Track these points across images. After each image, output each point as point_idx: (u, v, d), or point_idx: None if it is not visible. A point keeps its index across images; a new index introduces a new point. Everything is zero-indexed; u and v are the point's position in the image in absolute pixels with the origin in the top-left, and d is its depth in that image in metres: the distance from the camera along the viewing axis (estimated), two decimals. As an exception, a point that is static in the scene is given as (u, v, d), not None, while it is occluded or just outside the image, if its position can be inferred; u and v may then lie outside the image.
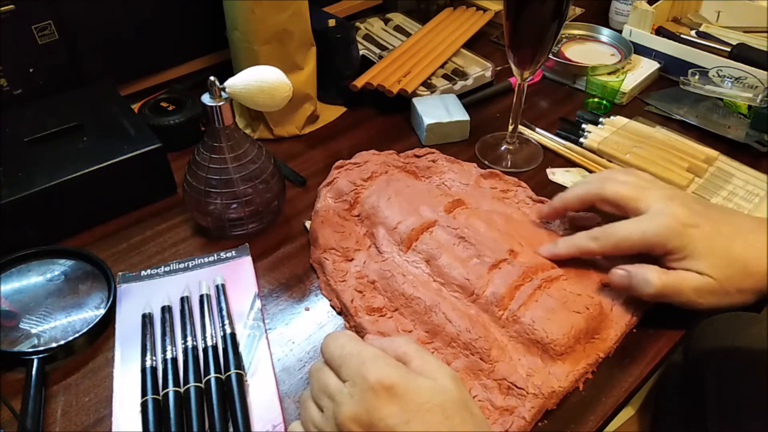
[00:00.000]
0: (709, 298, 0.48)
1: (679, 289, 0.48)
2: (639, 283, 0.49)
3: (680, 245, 0.48)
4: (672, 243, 0.48)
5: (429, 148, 0.70)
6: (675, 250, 0.48)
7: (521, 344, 0.49)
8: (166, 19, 0.76)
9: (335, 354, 0.40)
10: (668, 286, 0.48)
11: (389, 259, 0.55)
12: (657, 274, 0.49)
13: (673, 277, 0.48)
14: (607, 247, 0.51)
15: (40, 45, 0.67)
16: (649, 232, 0.49)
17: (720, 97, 0.78)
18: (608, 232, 0.51)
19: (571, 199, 0.56)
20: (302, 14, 0.69)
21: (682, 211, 0.49)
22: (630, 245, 0.50)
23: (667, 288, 0.48)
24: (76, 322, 0.52)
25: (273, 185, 0.60)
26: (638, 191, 0.51)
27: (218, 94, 0.54)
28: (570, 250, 0.54)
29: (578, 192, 0.55)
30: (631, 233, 0.50)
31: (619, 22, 0.96)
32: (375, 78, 0.77)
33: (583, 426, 0.46)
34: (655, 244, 0.49)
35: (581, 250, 0.53)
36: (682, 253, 0.48)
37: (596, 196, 0.54)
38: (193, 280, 0.56)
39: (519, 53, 0.62)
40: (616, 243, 0.51)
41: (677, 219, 0.48)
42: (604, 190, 0.53)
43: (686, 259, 0.48)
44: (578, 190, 0.55)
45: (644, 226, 0.50)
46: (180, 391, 0.47)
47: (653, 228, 0.49)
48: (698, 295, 0.48)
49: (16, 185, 0.56)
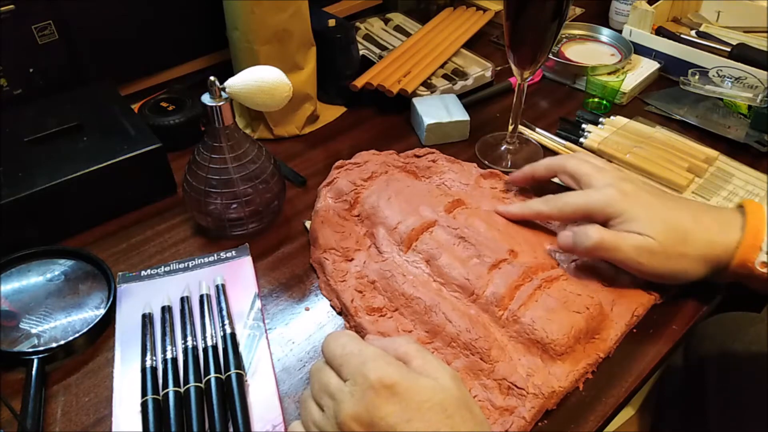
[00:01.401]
0: (649, 259, 0.50)
1: (617, 245, 0.50)
2: (580, 238, 0.52)
3: (620, 210, 0.51)
4: (611, 208, 0.51)
5: (429, 148, 0.70)
6: (614, 215, 0.51)
7: (521, 344, 0.49)
8: (166, 19, 0.76)
9: (336, 353, 0.40)
10: (607, 241, 0.50)
11: (389, 259, 0.55)
12: (597, 229, 0.51)
13: (614, 234, 0.51)
14: (554, 210, 0.56)
15: (40, 45, 0.67)
16: (592, 198, 0.53)
17: (720, 97, 0.78)
18: (557, 196, 0.56)
19: (539, 167, 0.61)
20: (302, 14, 0.69)
21: (628, 186, 0.52)
22: (573, 209, 0.54)
23: (605, 242, 0.50)
24: (76, 322, 0.52)
25: (273, 185, 0.60)
26: (595, 170, 0.55)
27: (218, 94, 0.54)
28: (523, 211, 0.58)
29: (546, 162, 0.60)
30: (576, 198, 0.54)
31: (619, 22, 0.96)
32: (375, 78, 0.77)
33: (583, 426, 0.46)
34: (596, 208, 0.52)
35: (533, 212, 0.58)
36: (622, 217, 0.51)
37: (559, 167, 0.58)
38: (193, 280, 0.56)
39: (519, 53, 0.62)
40: (561, 207, 0.55)
41: (620, 190, 0.52)
42: (567, 162, 0.58)
43: (627, 222, 0.51)
44: (546, 160, 0.61)
45: (589, 194, 0.54)
46: (180, 391, 0.47)
47: (596, 195, 0.53)
48: (638, 253, 0.50)
49: (16, 185, 0.56)
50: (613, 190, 0.52)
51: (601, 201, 0.52)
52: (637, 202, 0.51)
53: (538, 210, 0.57)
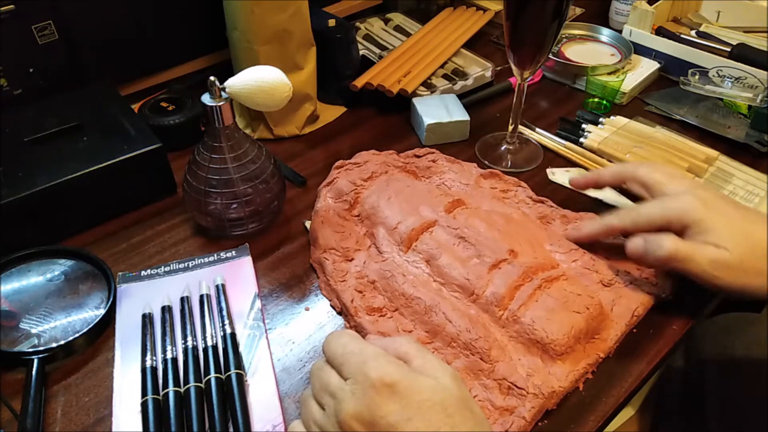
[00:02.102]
0: (725, 273, 0.47)
1: (692, 257, 0.48)
2: (653, 247, 0.49)
3: (698, 219, 0.48)
4: (690, 216, 0.49)
5: (429, 148, 0.69)
6: (692, 225, 0.48)
7: (521, 344, 0.49)
8: (166, 19, 0.76)
9: (337, 352, 0.40)
10: (682, 251, 0.48)
11: (389, 259, 0.55)
12: (672, 239, 0.49)
13: (689, 244, 0.48)
14: (626, 222, 0.53)
15: (40, 45, 0.67)
16: (669, 206, 0.50)
17: (720, 97, 0.78)
18: (630, 208, 0.54)
19: (605, 174, 0.59)
20: (302, 14, 0.69)
21: (705, 194, 0.50)
22: (648, 218, 0.51)
23: (680, 252, 0.48)
24: (76, 322, 0.52)
25: (273, 185, 0.60)
26: (668, 177, 0.53)
27: (218, 94, 0.54)
28: (596, 230, 0.55)
29: (614, 168, 0.58)
30: (651, 207, 0.52)
31: (619, 22, 0.96)
32: (375, 78, 0.77)
33: (583, 426, 0.46)
34: (673, 217, 0.50)
35: (607, 228, 0.55)
36: (699, 227, 0.48)
37: (630, 174, 0.56)
38: (193, 280, 0.56)
39: (519, 53, 0.62)
40: (635, 217, 0.52)
41: (698, 197, 0.49)
42: (638, 169, 0.55)
43: (705, 232, 0.48)
44: (615, 166, 0.58)
45: (664, 202, 0.51)
46: (180, 391, 0.47)
47: (673, 204, 0.50)
48: (713, 267, 0.47)
49: (16, 185, 0.56)
50: (691, 198, 0.49)
51: (678, 209, 0.49)
52: (715, 211, 0.48)
53: (610, 226, 0.54)
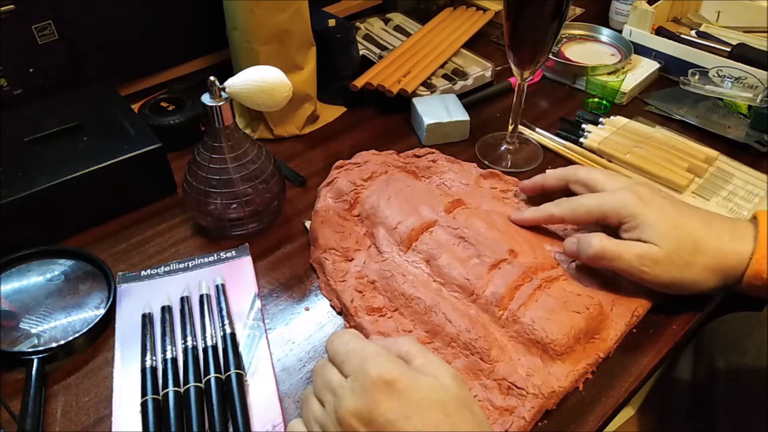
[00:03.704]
0: (653, 267, 0.49)
1: (619, 254, 0.50)
2: (583, 246, 0.52)
3: (632, 213, 0.50)
4: (624, 210, 0.50)
5: (429, 148, 0.70)
6: (627, 218, 0.50)
7: (521, 344, 0.49)
8: (166, 19, 0.76)
9: (339, 350, 0.40)
10: (609, 250, 0.50)
11: (389, 259, 0.55)
12: (599, 238, 0.51)
13: (616, 243, 0.50)
14: (566, 212, 0.55)
15: (40, 45, 0.67)
16: (605, 201, 0.52)
17: (720, 97, 0.78)
18: (569, 199, 0.56)
19: (549, 177, 0.60)
20: (302, 14, 0.69)
21: (642, 190, 0.52)
22: (586, 211, 0.54)
23: (607, 251, 0.50)
24: (76, 322, 0.52)
25: (273, 185, 0.60)
26: (607, 176, 0.56)
27: (218, 94, 0.54)
28: (535, 216, 0.58)
29: (557, 172, 0.60)
30: (588, 201, 0.54)
31: (619, 22, 0.96)
32: (375, 78, 0.77)
33: (583, 426, 0.46)
34: (609, 211, 0.52)
35: (545, 216, 0.57)
36: (633, 221, 0.50)
37: (571, 176, 0.58)
38: (193, 280, 0.56)
39: (519, 53, 0.62)
40: (574, 209, 0.54)
41: (635, 192, 0.51)
42: (578, 171, 0.57)
43: (637, 228, 0.50)
44: (558, 170, 0.60)
45: (602, 196, 0.53)
46: (180, 391, 0.47)
47: (610, 198, 0.52)
48: (640, 262, 0.49)
49: (16, 185, 0.56)
50: (627, 193, 0.51)
51: (615, 203, 0.51)
52: (649, 206, 0.50)
53: (550, 213, 0.56)
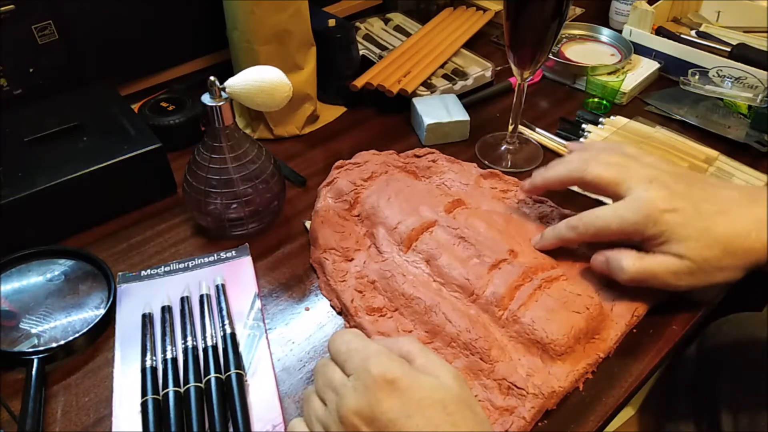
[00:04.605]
0: (688, 279, 0.48)
1: (654, 274, 0.49)
2: (614, 269, 0.50)
3: (657, 232, 0.48)
4: (649, 230, 0.48)
5: (429, 148, 0.69)
6: (653, 237, 0.48)
7: (521, 344, 0.49)
8: (166, 19, 0.76)
9: (341, 349, 0.40)
10: (642, 272, 0.49)
11: (389, 259, 0.55)
12: (632, 260, 0.49)
13: (648, 262, 0.49)
14: (586, 236, 0.52)
15: (40, 45, 0.67)
16: (626, 220, 0.49)
17: (720, 97, 0.78)
18: (585, 221, 0.52)
19: (551, 179, 0.55)
20: (302, 14, 0.69)
21: (661, 195, 0.48)
22: (609, 234, 0.51)
23: (641, 274, 0.49)
24: (76, 322, 0.52)
25: (273, 185, 0.60)
26: (619, 173, 0.51)
27: (218, 94, 0.54)
28: (553, 241, 0.54)
29: (560, 172, 0.55)
30: (609, 223, 0.50)
31: (619, 22, 0.96)
32: (375, 78, 0.77)
33: (583, 426, 0.46)
34: (633, 232, 0.49)
35: (563, 240, 0.54)
36: (660, 239, 0.48)
37: (578, 179, 0.53)
38: (193, 280, 0.56)
39: (519, 53, 0.62)
40: (595, 232, 0.51)
41: (654, 205, 0.48)
42: (586, 173, 0.52)
43: (665, 243, 0.48)
44: (560, 169, 0.55)
45: (621, 213, 0.49)
46: (180, 391, 0.47)
47: (630, 216, 0.49)
48: (676, 278, 0.48)
49: (16, 185, 0.56)
50: (646, 207, 0.48)
51: (637, 224, 0.48)
52: (673, 219, 0.48)
53: (568, 238, 0.53)
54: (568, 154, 0.57)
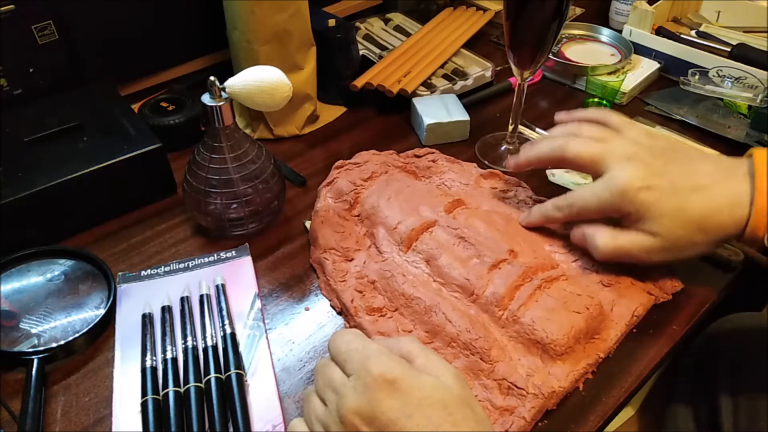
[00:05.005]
0: (660, 255, 0.51)
1: (627, 251, 0.51)
2: (590, 246, 0.53)
3: (633, 209, 0.49)
4: (625, 208, 0.50)
5: (429, 148, 0.70)
6: (629, 214, 0.50)
7: (521, 344, 0.49)
8: (166, 19, 0.76)
9: (341, 349, 0.40)
10: (616, 250, 0.51)
11: (389, 259, 0.55)
12: (606, 238, 0.52)
13: (621, 241, 0.51)
14: (571, 215, 0.54)
15: (40, 45, 0.67)
16: (604, 199, 0.51)
17: (720, 97, 0.78)
18: (569, 201, 0.54)
19: (534, 157, 0.57)
20: (302, 14, 0.69)
21: (639, 173, 0.49)
22: (590, 212, 0.53)
23: (616, 252, 0.52)
24: (76, 322, 0.52)
25: (273, 185, 0.60)
26: (599, 150, 0.52)
27: (218, 94, 0.54)
28: (540, 218, 0.57)
29: (543, 150, 0.56)
30: (588, 202, 0.52)
31: (619, 22, 0.96)
32: (375, 78, 0.77)
33: (583, 426, 0.46)
34: (611, 210, 0.51)
35: (549, 218, 0.57)
36: (635, 216, 0.50)
37: (558, 157, 0.55)
38: (193, 280, 0.56)
39: (519, 53, 0.62)
40: (578, 211, 0.54)
41: (631, 183, 0.49)
42: (566, 152, 0.54)
43: (640, 221, 0.50)
44: (543, 147, 0.56)
45: (599, 192, 0.51)
46: (180, 391, 0.47)
47: (607, 195, 0.51)
48: (648, 254, 0.51)
49: (16, 185, 0.56)
50: (623, 185, 0.49)
51: (614, 203, 0.50)
52: (648, 197, 0.49)
53: (554, 217, 0.56)
54: (554, 128, 0.58)
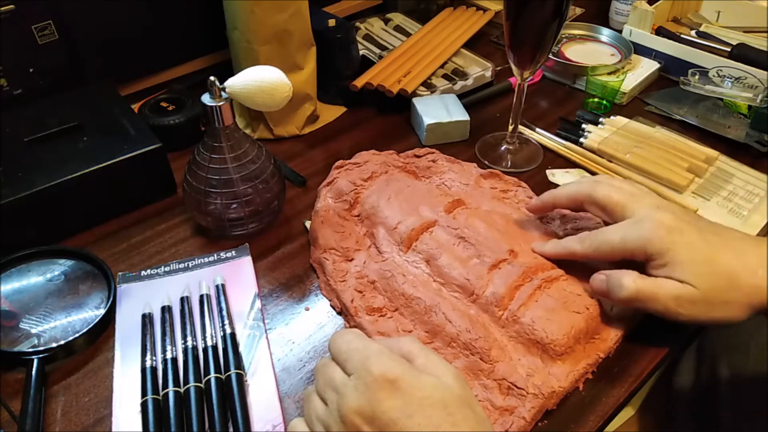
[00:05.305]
0: (690, 309, 0.46)
1: (654, 296, 0.46)
2: (613, 287, 0.48)
3: (661, 250, 0.46)
4: (652, 247, 0.46)
5: (429, 148, 0.69)
6: (656, 256, 0.47)
7: (521, 344, 0.49)
8: (166, 19, 0.76)
9: (342, 349, 0.40)
10: (643, 292, 0.46)
11: (389, 259, 0.55)
12: (632, 278, 0.47)
13: (650, 283, 0.47)
14: (589, 250, 0.51)
15: (40, 45, 0.67)
16: (630, 236, 0.48)
17: (720, 97, 0.78)
18: (592, 236, 0.51)
19: (561, 196, 0.55)
20: (302, 14, 0.69)
21: (668, 217, 0.47)
22: (610, 248, 0.49)
23: (642, 293, 0.46)
24: (76, 322, 0.52)
25: (273, 185, 0.60)
26: (628, 198, 0.50)
27: (218, 94, 0.54)
28: (557, 251, 0.54)
29: (570, 190, 0.54)
30: (611, 237, 0.49)
31: (619, 22, 0.96)
32: (375, 78, 0.78)
33: (583, 426, 0.46)
34: (635, 248, 0.48)
35: (567, 252, 0.53)
36: (663, 258, 0.46)
37: (586, 197, 0.53)
38: (193, 280, 0.56)
39: (519, 53, 0.62)
40: (597, 246, 0.50)
41: (660, 224, 0.47)
42: (595, 191, 0.52)
43: (667, 265, 0.46)
44: (570, 188, 0.54)
45: (625, 229, 0.49)
46: (180, 391, 0.47)
47: (634, 232, 0.48)
48: (677, 303, 0.46)
49: (16, 185, 0.56)
50: (652, 226, 0.47)
51: (641, 239, 0.47)
52: (679, 240, 0.46)
53: (572, 251, 0.52)
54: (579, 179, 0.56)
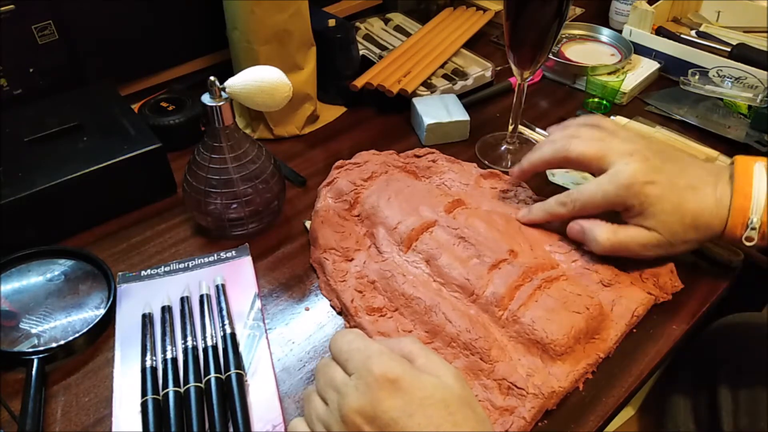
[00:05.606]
0: (655, 250, 0.53)
1: (626, 246, 0.53)
2: (589, 240, 0.55)
3: (637, 203, 0.52)
4: (630, 201, 0.52)
5: (429, 148, 0.70)
6: (631, 207, 0.52)
7: (521, 344, 0.49)
8: (166, 19, 0.76)
9: (343, 349, 0.40)
10: (616, 245, 0.53)
11: (389, 259, 0.55)
12: (606, 233, 0.53)
13: (622, 236, 0.53)
14: (575, 211, 0.55)
15: (40, 45, 0.67)
16: (610, 193, 0.53)
17: (720, 97, 0.78)
18: (573, 197, 0.55)
19: (538, 161, 0.58)
20: (302, 14, 0.69)
21: (642, 167, 0.52)
22: (594, 207, 0.54)
23: (615, 246, 0.53)
24: (76, 322, 0.52)
25: (273, 185, 0.60)
26: (600, 148, 0.54)
27: (218, 94, 0.54)
28: (543, 215, 0.58)
29: (545, 153, 0.58)
30: (593, 196, 0.54)
31: (619, 22, 0.96)
32: (375, 78, 0.77)
33: (583, 426, 0.46)
34: (616, 203, 0.53)
35: (553, 215, 0.57)
36: (637, 209, 0.52)
37: (563, 159, 0.56)
38: (193, 280, 0.56)
39: (519, 53, 0.62)
40: (582, 206, 0.55)
41: (636, 177, 0.51)
42: (569, 151, 0.55)
43: (640, 215, 0.52)
44: (545, 150, 0.58)
45: (605, 186, 0.53)
46: (180, 391, 0.47)
47: (612, 189, 0.52)
48: (645, 248, 0.53)
49: (16, 185, 0.56)
50: (627, 178, 0.52)
51: (620, 196, 0.52)
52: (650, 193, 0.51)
53: (558, 213, 0.57)
54: (550, 135, 0.60)
